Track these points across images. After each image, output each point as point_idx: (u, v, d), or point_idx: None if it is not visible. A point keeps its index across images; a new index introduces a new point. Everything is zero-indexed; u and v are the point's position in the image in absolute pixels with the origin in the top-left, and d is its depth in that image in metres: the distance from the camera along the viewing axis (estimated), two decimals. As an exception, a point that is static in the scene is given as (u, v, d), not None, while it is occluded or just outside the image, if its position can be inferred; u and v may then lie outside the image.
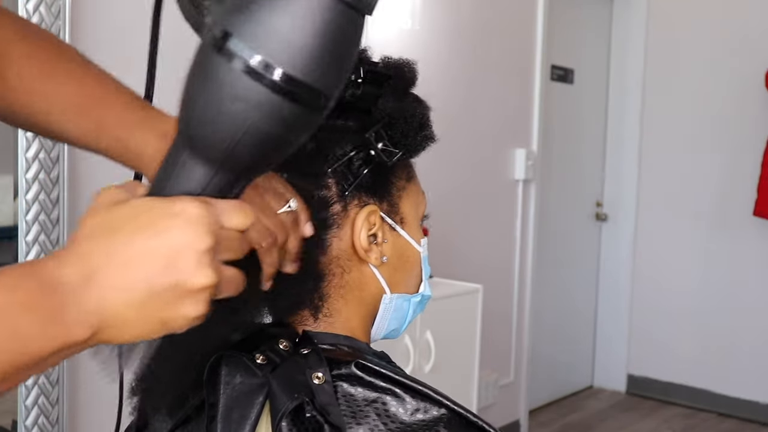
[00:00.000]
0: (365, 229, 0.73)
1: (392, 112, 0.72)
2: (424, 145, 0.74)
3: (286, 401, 0.66)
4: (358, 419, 0.67)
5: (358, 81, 0.71)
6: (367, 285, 0.76)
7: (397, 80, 0.75)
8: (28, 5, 1.69)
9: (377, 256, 0.74)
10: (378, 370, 0.69)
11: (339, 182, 0.72)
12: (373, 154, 0.71)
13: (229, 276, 0.50)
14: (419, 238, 0.79)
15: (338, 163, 0.70)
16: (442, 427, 0.67)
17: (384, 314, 0.78)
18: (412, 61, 0.77)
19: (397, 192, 0.76)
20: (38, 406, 1.76)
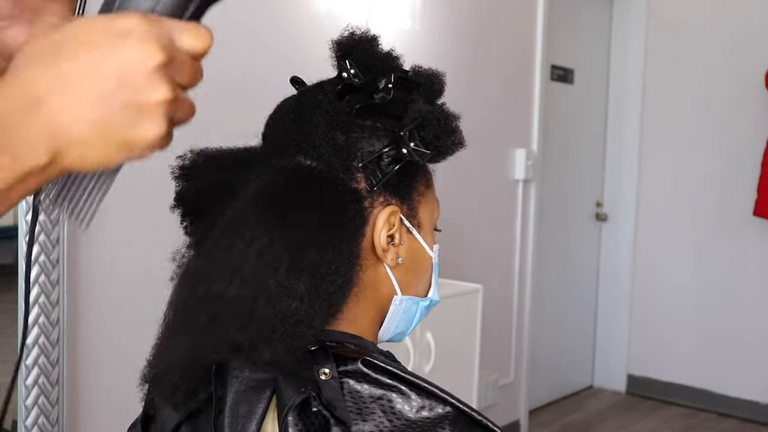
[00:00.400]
0: (386, 229, 0.74)
1: (426, 114, 0.74)
2: (453, 149, 0.76)
3: (293, 395, 0.67)
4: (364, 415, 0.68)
5: (389, 86, 0.74)
6: (380, 285, 0.77)
7: (426, 89, 0.78)
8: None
9: (393, 256, 0.76)
10: (384, 367, 0.70)
11: (368, 177, 0.73)
12: (405, 152, 0.72)
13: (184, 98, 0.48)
14: (432, 244, 0.81)
15: (370, 158, 0.72)
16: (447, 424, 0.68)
17: (393, 315, 0.79)
18: (441, 73, 0.80)
19: (417, 197, 0.78)
20: (38, 406, 1.76)
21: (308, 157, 0.73)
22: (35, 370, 1.75)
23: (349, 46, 0.76)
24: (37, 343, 1.75)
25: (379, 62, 0.76)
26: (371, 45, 0.77)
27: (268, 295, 0.66)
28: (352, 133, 0.73)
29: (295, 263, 0.67)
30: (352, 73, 0.75)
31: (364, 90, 0.74)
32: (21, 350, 1.63)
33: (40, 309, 1.75)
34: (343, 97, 0.74)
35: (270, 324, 0.66)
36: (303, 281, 0.67)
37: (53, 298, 1.77)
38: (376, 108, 0.74)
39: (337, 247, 0.69)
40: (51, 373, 1.77)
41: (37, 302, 1.75)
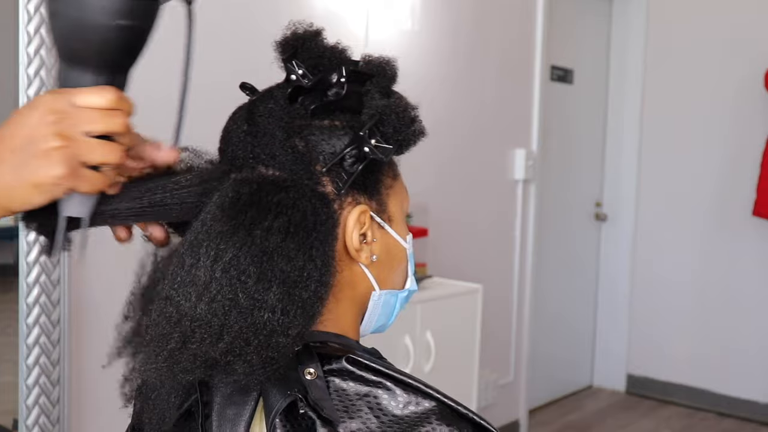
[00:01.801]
0: (357, 229, 0.73)
1: (383, 109, 0.72)
2: (415, 139, 0.75)
3: (279, 398, 0.67)
4: (351, 413, 0.68)
5: (341, 80, 0.72)
6: (357, 283, 0.76)
7: (380, 78, 0.76)
8: (29, 6, 1.70)
9: (367, 255, 0.75)
10: (369, 364, 0.70)
11: (333, 180, 0.72)
12: (367, 151, 0.71)
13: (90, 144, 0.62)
14: (405, 234, 0.80)
15: (333, 161, 0.71)
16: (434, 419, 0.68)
17: (373, 310, 0.79)
18: (392, 59, 0.78)
19: (385, 190, 0.77)
20: (39, 406, 1.76)
21: (269, 167, 0.71)
22: (36, 370, 1.76)
23: (293, 45, 0.75)
24: (38, 343, 1.75)
25: (326, 58, 0.74)
26: (316, 41, 0.75)
27: (239, 309, 0.65)
28: (310, 137, 0.71)
29: (263, 274, 0.66)
30: (301, 74, 0.73)
31: (315, 89, 0.73)
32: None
33: (41, 309, 1.75)
34: (295, 100, 0.73)
35: (243, 337, 0.65)
36: (273, 291, 0.66)
37: (54, 298, 1.77)
38: (331, 105, 0.72)
39: (307, 254, 0.68)
40: (52, 372, 1.77)
41: (38, 302, 1.75)
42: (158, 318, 0.67)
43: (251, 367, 0.66)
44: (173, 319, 0.67)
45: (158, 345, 0.67)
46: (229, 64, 2.16)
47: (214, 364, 0.66)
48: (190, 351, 0.66)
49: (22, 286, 1.74)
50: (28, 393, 1.74)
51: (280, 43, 0.76)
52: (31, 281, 1.74)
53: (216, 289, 0.65)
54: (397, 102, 0.74)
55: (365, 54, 0.77)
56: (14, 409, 1.76)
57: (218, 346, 0.65)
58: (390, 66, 0.78)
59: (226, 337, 0.65)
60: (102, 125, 0.62)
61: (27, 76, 1.70)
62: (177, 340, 0.66)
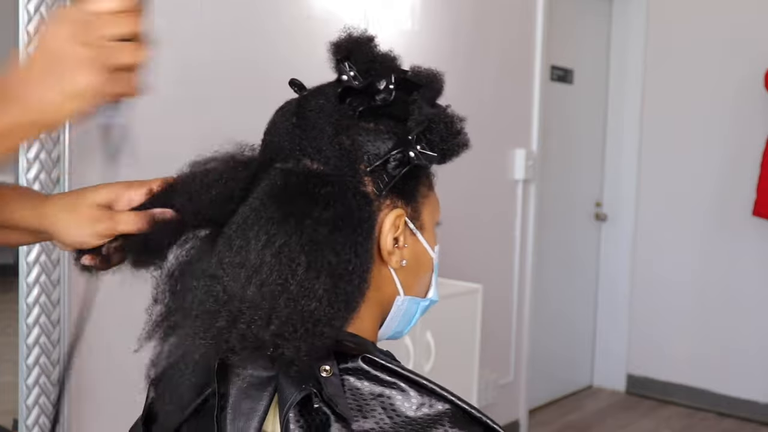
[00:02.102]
0: (392, 232, 0.75)
1: (432, 117, 0.74)
2: (459, 151, 0.76)
3: (294, 392, 0.68)
4: (364, 413, 0.68)
5: (389, 87, 0.74)
6: (383, 286, 0.77)
7: (427, 89, 0.78)
8: (29, 6, 1.70)
9: (398, 259, 0.76)
10: (384, 364, 0.71)
11: (375, 181, 0.73)
12: (412, 156, 0.72)
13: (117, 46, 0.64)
14: (434, 245, 0.82)
15: (378, 162, 0.72)
16: (447, 421, 0.68)
17: (395, 315, 0.79)
18: (440, 72, 0.80)
19: (421, 199, 0.79)
20: (39, 406, 1.76)
21: (314, 161, 0.72)
22: (36, 370, 1.76)
23: (348, 48, 0.76)
24: (38, 343, 1.75)
25: (378, 63, 0.76)
26: (369, 46, 0.77)
27: (288, 295, 0.67)
28: (357, 137, 0.73)
29: (313, 263, 0.67)
30: (352, 76, 0.75)
31: (364, 92, 0.74)
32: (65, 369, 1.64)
33: (41, 309, 1.75)
34: (344, 100, 0.74)
35: (291, 323, 0.66)
36: (321, 281, 0.67)
37: (54, 298, 1.77)
38: (378, 110, 0.74)
39: (353, 248, 0.69)
40: (52, 372, 1.77)
41: (38, 302, 1.75)
42: (205, 296, 0.69)
43: (298, 353, 0.67)
44: (222, 298, 0.68)
45: (206, 322, 0.68)
46: (230, 63, 2.16)
47: (261, 346, 0.67)
48: (239, 331, 0.67)
49: (22, 286, 1.74)
50: (28, 393, 1.74)
51: (335, 44, 0.77)
52: (31, 281, 1.74)
53: (266, 272, 0.67)
54: (446, 112, 0.76)
55: (414, 65, 0.79)
56: (14, 409, 1.76)
57: (268, 329, 0.66)
58: (438, 79, 0.79)
59: (276, 321, 0.66)
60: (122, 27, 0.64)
61: (27, 76, 1.70)
62: (226, 319, 0.67)
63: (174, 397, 0.75)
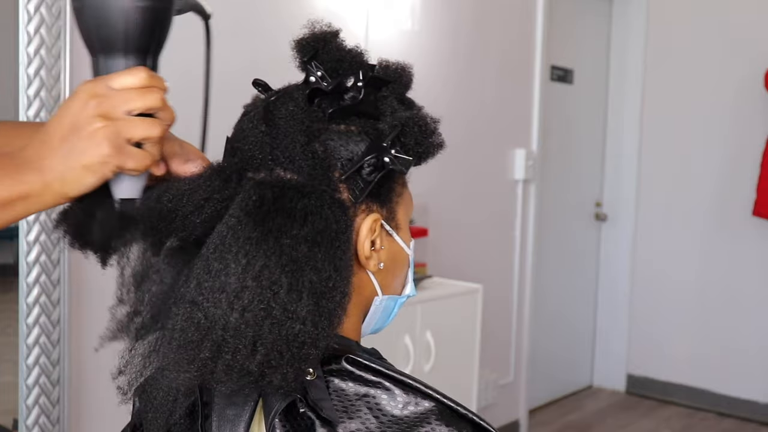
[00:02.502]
0: (369, 237, 0.73)
1: (405, 121, 0.73)
2: (434, 152, 0.75)
3: (279, 399, 0.68)
4: (350, 414, 0.68)
5: (358, 85, 0.72)
6: (362, 288, 0.76)
7: (396, 84, 0.76)
8: (29, 6, 1.70)
9: (375, 262, 0.75)
10: (368, 364, 0.70)
11: (350, 188, 0.72)
12: (387, 161, 0.71)
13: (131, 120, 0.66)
14: (409, 241, 0.80)
15: (353, 169, 0.70)
16: (433, 419, 0.68)
17: (374, 314, 0.79)
18: (408, 65, 0.78)
19: (395, 198, 0.77)
20: (39, 406, 1.76)
21: (288, 171, 0.70)
22: (36, 370, 1.76)
23: (313, 46, 0.75)
24: (38, 343, 1.75)
25: (346, 61, 0.74)
26: (335, 42, 0.75)
27: (272, 320, 0.64)
28: (328, 141, 0.71)
29: (294, 284, 0.65)
30: (320, 76, 0.73)
31: (333, 92, 0.72)
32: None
33: (41, 309, 1.75)
34: (312, 102, 0.73)
35: (277, 349, 0.64)
36: (303, 302, 0.65)
37: (54, 298, 1.77)
38: (347, 109, 0.72)
39: (332, 264, 0.67)
40: (52, 372, 1.77)
41: (38, 302, 1.75)
42: (186, 323, 0.66)
43: (286, 380, 0.65)
44: (203, 326, 0.65)
45: (190, 353, 0.65)
46: (230, 63, 2.16)
47: (247, 375, 0.65)
48: (224, 362, 0.65)
49: (22, 286, 1.74)
50: (28, 393, 1.74)
51: (299, 43, 0.76)
52: (31, 281, 1.74)
53: (249, 298, 0.64)
54: (419, 114, 0.75)
55: (382, 59, 0.78)
56: (14, 409, 1.76)
57: (255, 358, 0.64)
58: (406, 73, 0.78)
59: (261, 348, 0.64)
60: (140, 103, 0.66)
61: (27, 76, 1.70)
62: (210, 349, 0.65)
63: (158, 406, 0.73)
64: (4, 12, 1.81)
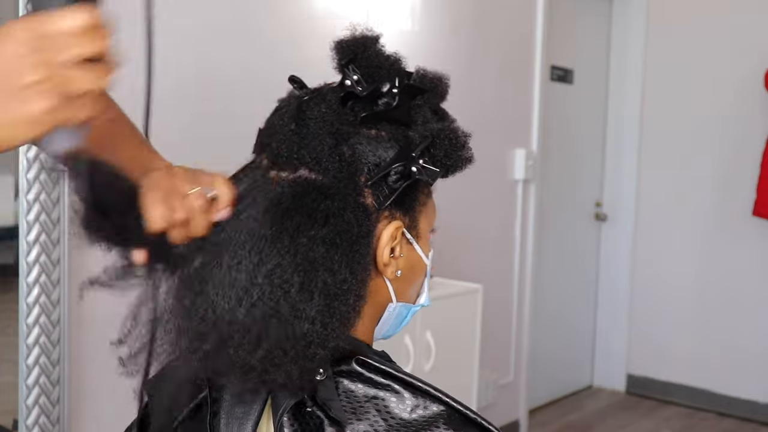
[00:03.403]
0: (389, 244, 0.73)
1: (437, 132, 0.73)
2: (462, 166, 0.76)
3: (288, 396, 0.68)
4: (359, 415, 0.68)
5: (393, 91, 0.72)
6: (378, 294, 0.76)
7: (431, 94, 0.77)
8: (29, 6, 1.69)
9: (393, 270, 0.75)
10: (378, 366, 0.70)
11: (375, 194, 0.71)
12: (415, 171, 0.71)
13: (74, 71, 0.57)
14: (428, 251, 0.80)
15: (379, 175, 0.70)
16: (442, 423, 0.68)
17: (386, 320, 0.79)
18: (445, 75, 0.79)
19: (419, 207, 0.77)
20: (39, 406, 1.76)
21: (312, 171, 0.70)
22: (36, 370, 1.75)
23: (353, 50, 0.74)
24: (38, 343, 1.75)
25: (383, 68, 0.74)
26: (375, 48, 0.75)
27: (279, 318, 0.64)
28: (357, 145, 0.71)
29: (306, 284, 0.65)
30: (356, 80, 0.73)
31: (367, 97, 0.72)
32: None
33: (41, 309, 1.75)
34: (345, 104, 0.72)
35: (281, 347, 0.64)
36: (314, 303, 0.65)
37: (54, 298, 1.77)
38: (380, 115, 0.72)
39: (349, 266, 0.67)
40: (52, 372, 1.77)
41: (38, 302, 1.75)
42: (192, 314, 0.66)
43: (290, 377, 0.65)
44: (209, 318, 0.66)
45: (194, 343, 0.66)
46: (229, 63, 2.16)
47: (250, 370, 0.65)
48: (227, 355, 0.65)
49: (22, 286, 1.74)
50: (28, 393, 1.74)
51: (339, 45, 0.76)
52: (31, 281, 1.74)
53: (258, 294, 0.65)
54: (450, 126, 0.75)
55: (419, 67, 0.77)
56: (14, 409, 1.76)
57: (256, 354, 0.64)
58: (442, 83, 0.78)
59: (265, 345, 0.64)
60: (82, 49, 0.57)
61: (27, 76, 1.70)
62: (214, 341, 0.65)
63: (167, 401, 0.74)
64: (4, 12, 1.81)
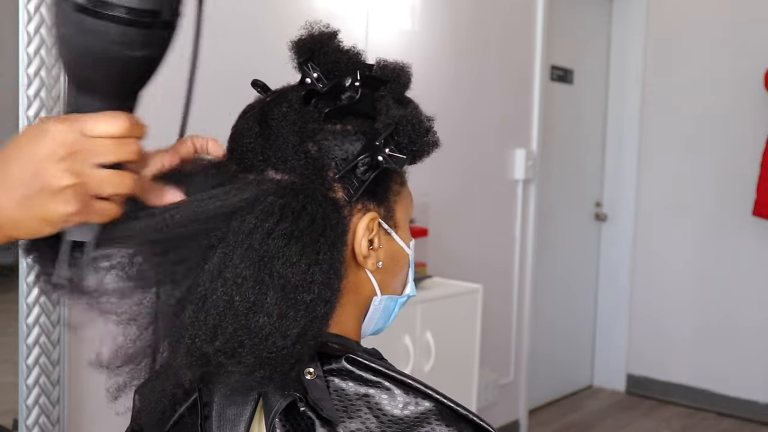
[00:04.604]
0: (366, 236, 0.73)
1: (399, 119, 0.72)
2: (429, 151, 0.75)
3: (279, 398, 0.68)
4: (350, 413, 0.68)
5: (355, 85, 0.72)
6: (361, 288, 0.76)
7: (394, 84, 0.76)
8: (29, 6, 1.69)
9: (374, 261, 0.75)
10: (368, 364, 0.70)
11: (345, 187, 0.72)
12: (381, 160, 0.71)
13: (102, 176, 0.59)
14: (408, 240, 0.80)
15: (346, 168, 0.70)
16: (434, 419, 0.68)
17: (373, 315, 0.79)
18: (406, 65, 0.78)
19: (393, 197, 0.77)
20: (39, 406, 1.76)
21: (279, 171, 0.70)
22: (36, 370, 1.75)
23: (310, 47, 0.75)
24: (38, 343, 1.75)
25: (342, 62, 0.74)
26: (333, 43, 0.75)
27: (234, 312, 0.65)
28: (323, 141, 0.71)
29: (260, 278, 0.65)
30: (316, 78, 0.73)
31: (329, 93, 0.72)
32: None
33: (41, 309, 1.75)
34: (308, 102, 0.72)
35: (237, 339, 0.65)
36: (270, 296, 0.65)
37: (54, 298, 1.77)
38: (344, 109, 0.72)
39: (312, 258, 0.67)
40: (52, 372, 1.77)
41: (38, 302, 1.75)
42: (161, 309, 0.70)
43: (247, 368, 0.66)
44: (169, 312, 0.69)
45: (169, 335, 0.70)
46: (229, 63, 2.15)
47: (207, 362, 0.66)
48: (184, 346, 0.67)
49: (22, 286, 1.74)
50: (28, 393, 1.74)
51: (296, 45, 0.76)
52: (31, 281, 1.74)
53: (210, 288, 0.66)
54: (413, 112, 0.74)
55: (380, 59, 0.77)
56: (14, 409, 1.76)
57: (213, 345, 0.66)
58: (404, 72, 0.78)
59: (221, 337, 0.65)
60: (115, 155, 0.60)
61: (27, 75, 1.70)
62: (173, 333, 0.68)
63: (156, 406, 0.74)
64: (4, 12, 1.81)
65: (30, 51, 1.70)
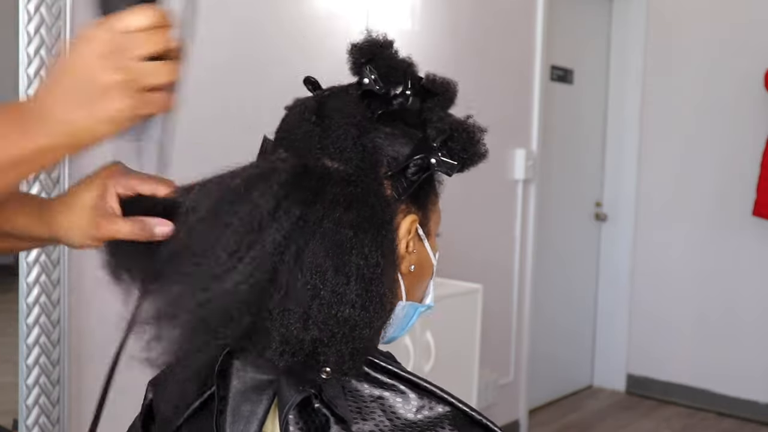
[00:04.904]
0: (405, 237, 0.74)
1: (456, 125, 0.75)
2: (477, 161, 0.77)
3: (294, 394, 0.68)
4: (364, 415, 0.68)
5: (406, 92, 0.75)
6: None
7: (441, 97, 0.78)
8: (29, 6, 1.69)
9: (408, 264, 0.76)
10: (384, 366, 0.71)
11: (393, 185, 0.73)
12: (433, 163, 0.73)
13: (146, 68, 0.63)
14: (436, 251, 0.82)
15: (400, 165, 0.72)
16: (447, 424, 0.68)
17: (395, 320, 0.79)
18: (453, 81, 0.80)
19: (431, 206, 0.79)
20: (39, 406, 1.76)
21: (334, 160, 0.71)
22: (36, 370, 1.76)
23: (369, 51, 0.76)
24: (38, 343, 1.75)
25: (398, 70, 0.76)
26: (390, 51, 0.77)
27: (321, 301, 0.66)
28: (377, 139, 0.73)
29: (341, 268, 0.66)
30: (374, 80, 0.75)
31: (382, 97, 0.75)
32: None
33: (41, 309, 1.75)
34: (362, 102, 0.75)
35: (329, 329, 0.66)
36: (351, 287, 0.66)
37: (54, 298, 1.77)
38: (394, 114, 0.74)
39: (380, 251, 0.68)
40: (52, 372, 1.77)
41: (38, 302, 1.75)
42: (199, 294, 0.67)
43: (341, 357, 0.67)
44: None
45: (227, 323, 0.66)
46: (230, 63, 2.15)
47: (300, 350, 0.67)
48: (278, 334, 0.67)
49: (22, 286, 1.74)
50: (28, 393, 1.74)
51: (356, 47, 0.77)
52: (31, 281, 1.74)
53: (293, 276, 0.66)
54: (468, 121, 0.77)
55: (429, 73, 0.79)
56: (14, 409, 1.76)
57: (309, 333, 0.66)
58: (451, 88, 0.80)
59: (313, 326, 0.66)
60: (151, 45, 0.63)
61: (27, 76, 1.70)
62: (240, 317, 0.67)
63: (174, 397, 0.74)
64: (4, 12, 1.81)
65: (30, 51, 1.70)
